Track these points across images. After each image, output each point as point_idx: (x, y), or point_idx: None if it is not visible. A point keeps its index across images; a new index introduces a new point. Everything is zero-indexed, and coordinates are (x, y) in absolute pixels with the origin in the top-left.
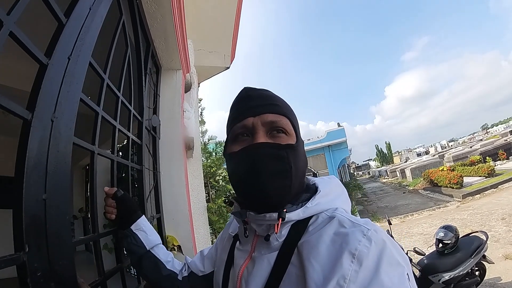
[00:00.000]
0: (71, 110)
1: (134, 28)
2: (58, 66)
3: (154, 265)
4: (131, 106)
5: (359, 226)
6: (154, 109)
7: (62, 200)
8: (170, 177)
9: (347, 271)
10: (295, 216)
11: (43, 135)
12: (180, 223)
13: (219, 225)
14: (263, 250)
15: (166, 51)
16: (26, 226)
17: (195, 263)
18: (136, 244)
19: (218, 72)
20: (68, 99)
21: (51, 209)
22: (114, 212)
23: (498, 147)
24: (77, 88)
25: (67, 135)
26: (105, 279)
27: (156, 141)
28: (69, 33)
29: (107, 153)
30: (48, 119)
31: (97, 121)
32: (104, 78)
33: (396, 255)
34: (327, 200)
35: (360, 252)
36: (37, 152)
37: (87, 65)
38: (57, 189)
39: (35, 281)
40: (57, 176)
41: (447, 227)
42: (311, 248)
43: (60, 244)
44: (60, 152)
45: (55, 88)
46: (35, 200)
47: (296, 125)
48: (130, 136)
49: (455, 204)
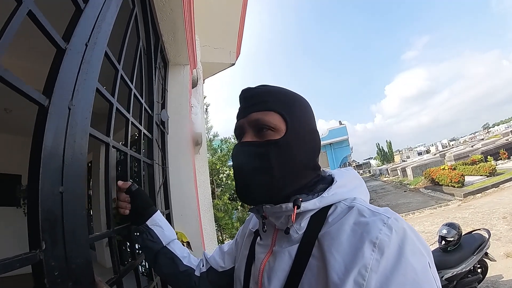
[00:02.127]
0: (87, 99)
1: (145, 21)
2: (75, 52)
3: (171, 261)
4: (142, 100)
5: (379, 214)
6: (163, 104)
7: (79, 194)
8: (178, 172)
9: (369, 260)
10: (311, 206)
11: (59, 123)
12: (189, 219)
13: (225, 222)
14: (283, 244)
15: (174, 46)
16: (43, 221)
17: (215, 258)
18: (152, 240)
19: (224, 68)
20: (85, 88)
21: (68, 203)
22: (128, 207)
23: (500, 147)
24: (94, 76)
25: (83, 124)
26: (121, 276)
27: (164, 136)
28: (86, 19)
29: (121, 146)
30: (65, 107)
31: (112, 112)
32: (118, 69)
33: (418, 244)
34: (345, 191)
35: (381, 241)
36: (53, 141)
37: (103, 53)
38: (74, 181)
39: (52, 281)
40: (74, 167)
41: (450, 224)
42: (331, 239)
43: (77, 241)
44: (76, 142)
45: (72, 74)
46: (51, 193)
47: (290, 116)
48: (142, 130)
49: (456, 203)
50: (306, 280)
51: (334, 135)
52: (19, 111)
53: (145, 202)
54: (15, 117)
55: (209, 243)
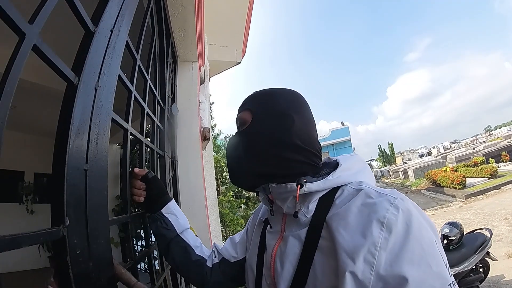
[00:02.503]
0: (111, 83)
1: (159, 16)
2: (102, 36)
3: (184, 250)
4: (156, 92)
5: (386, 195)
6: (172, 99)
7: (102, 173)
8: (187, 166)
9: (377, 238)
10: (316, 187)
11: (87, 102)
12: (197, 213)
13: (230, 218)
14: (293, 228)
15: (184, 42)
16: (68, 196)
17: (227, 249)
18: (167, 227)
19: (229, 66)
20: (110, 72)
21: (92, 181)
22: (143, 195)
23: (501, 149)
24: (117, 62)
25: (107, 107)
26: (136, 263)
27: (174, 130)
28: (112, 5)
29: (138, 134)
30: (92, 87)
31: (130, 100)
32: (136, 58)
33: (423, 222)
34: (349, 174)
35: (389, 219)
36: (81, 118)
37: (125, 41)
38: (98, 160)
39: (74, 259)
40: (98, 146)
41: (452, 223)
42: (339, 219)
43: (98, 220)
44: (101, 123)
45: (99, 57)
46: (77, 168)
47: (256, 109)
48: (156, 121)
49: (458, 204)
50: (318, 261)
51: (336, 135)
52: (24, 108)
53: (161, 190)
54: (19, 114)
55: (214, 239)
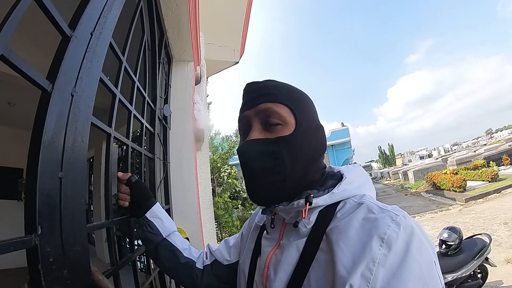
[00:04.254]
0: (91, 88)
1: (150, 16)
2: (81, 40)
3: (171, 253)
4: (145, 93)
5: (388, 211)
6: (166, 99)
7: (79, 181)
8: (180, 168)
9: (377, 254)
10: (322, 202)
11: (62, 109)
12: (189, 215)
13: (225, 220)
14: (291, 237)
15: (178, 42)
16: (40, 205)
17: (221, 251)
18: (152, 232)
19: (227, 66)
20: (89, 76)
21: (67, 189)
22: (128, 199)
23: (502, 152)
24: (98, 66)
25: (85, 112)
26: (118, 268)
27: (167, 132)
28: (92, 8)
29: (122, 137)
30: (68, 93)
31: (114, 103)
32: (122, 60)
33: (424, 242)
34: (353, 187)
35: (389, 236)
36: (55, 126)
37: (108, 43)
38: (74, 168)
39: (47, 267)
40: (74, 154)
41: (451, 228)
42: (339, 233)
43: (74, 228)
44: (78, 129)
45: (76, 62)
46: (50, 177)
47: (300, 111)
48: (144, 123)
49: (458, 208)
50: (313, 273)
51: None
52: (23, 105)
53: (145, 194)
54: (18, 111)
55: (208, 241)
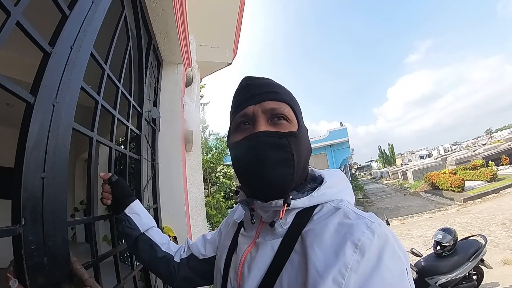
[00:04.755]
0: (72, 97)
1: (136, 22)
2: (60, 55)
3: (149, 247)
4: (131, 98)
5: (364, 218)
6: (155, 102)
7: (60, 181)
8: (168, 169)
9: (349, 260)
10: (301, 204)
11: (44, 118)
12: (177, 214)
13: (217, 219)
14: (267, 236)
15: (167, 45)
16: (24, 201)
17: (197, 246)
18: (130, 227)
19: (220, 67)
20: (70, 86)
21: (49, 188)
22: (110, 197)
23: (501, 152)
24: (78, 76)
25: (67, 119)
26: (98, 261)
27: (155, 133)
28: (72, 24)
29: (105, 140)
30: (49, 104)
31: (97, 109)
32: (104, 68)
33: (397, 250)
34: (333, 192)
35: (363, 243)
36: (38, 133)
37: (88, 55)
38: (55, 169)
39: (28, 253)
40: (56, 157)
41: (445, 229)
42: (315, 236)
43: (55, 221)
44: (60, 135)
45: (57, 75)
46: (33, 177)
47: (298, 112)
48: (129, 126)
49: (456, 208)
50: (286, 273)
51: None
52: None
53: (125, 192)
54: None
55: None
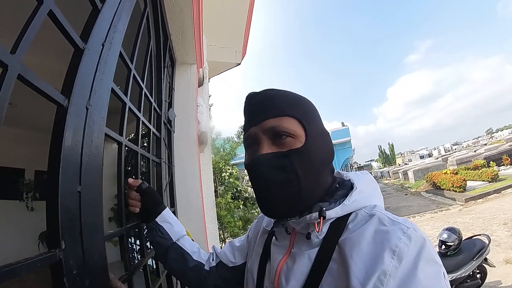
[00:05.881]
0: (103, 99)
1: (155, 20)
2: (93, 52)
3: (181, 257)
4: (152, 99)
5: (399, 224)
6: (170, 103)
7: (96, 192)
8: (184, 171)
9: (388, 267)
10: (334, 214)
11: (78, 123)
12: (193, 217)
13: (227, 220)
14: (303, 247)
15: (182, 45)
16: (62, 221)
17: (226, 253)
18: (162, 236)
19: (229, 68)
20: (102, 87)
21: (86, 202)
22: (139, 205)
23: (503, 152)
24: (109, 76)
25: (99, 124)
26: (131, 274)
27: (171, 135)
28: (103, 19)
29: (133, 145)
30: (83, 107)
31: (125, 112)
32: (131, 68)
33: (433, 254)
34: (363, 197)
35: (401, 249)
36: (72, 141)
37: (118, 53)
38: (91, 180)
39: (71, 279)
40: (91, 167)
41: (450, 229)
42: (353, 245)
43: (94, 239)
44: (93, 142)
45: (89, 74)
46: (70, 192)
47: (307, 120)
48: (152, 129)
49: (458, 208)
50: (326, 282)
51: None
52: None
53: (155, 199)
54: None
55: (211, 241)
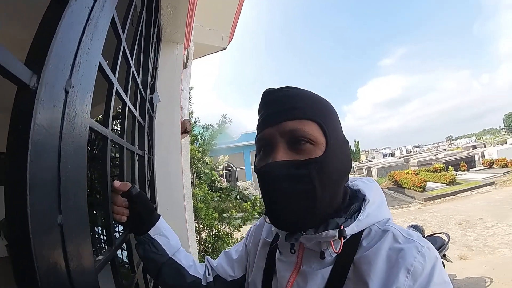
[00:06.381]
0: (89, 78)
1: None
2: (81, 5)
3: (177, 272)
4: (139, 80)
5: (413, 242)
6: (153, 85)
7: (83, 221)
8: (166, 163)
9: (402, 285)
10: (350, 231)
11: (53, 116)
12: (175, 213)
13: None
14: (313, 265)
15: (172, 21)
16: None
17: (223, 267)
18: (157, 252)
19: (214, 51)
20: (88, 61)
21: (69, 236)
22: (126, 213)
23: (461, 159)
24: (99, 45)
25: (82, 116)
26: None
27: (153, 122)
28: None
29: (119, 139)
30: (60, 89)
31: (111, 95)
32: (122, 39)
33: (443, 273)
34: (374, 209)
35: (415, 268)
36: (43, 146)
37: (111, 15)
38: (76, 204)
39: None
40: (75, 183)
41: (415, 226)
42: (369, 263)
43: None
44: (75, 143)
45: (73, 39)
46: (47, 226)
47: (329, 126)
48: (137, 116)
49: (417, 206)
50: None
51: None
52: None
53: (147, 207)
54: None
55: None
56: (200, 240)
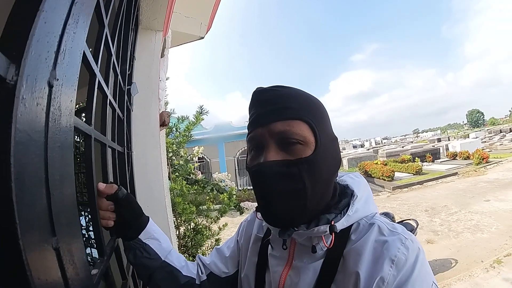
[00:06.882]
0: (73, 69)
1: None
2: None
3: (170, 275)
4: (118, 69)
5: (398, 234)
6: (130, 75)
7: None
8: (145, 158)
9: (386, 275)
10: (340, 226)
11: (36, 118)
12: (156, 210)
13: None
14: (305, 259)
15: (152, 7)
16: None
17: (216, 264)
18: (149, 257)
19: (191, 40)
20: (73, 48)
21: (67, 259)
22: (113, 218)
23: (427, 151)
24: (84, 32)
25: (67, 114)
26: None
27: (130, 115)
28: None
29: (101, 136)
30: (43, 82)
31: (93, 88)
32: (105, 25)
33: (426, 264)
34: (362, 204)
35: (399, 259)
36: (29, 160)
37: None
38: (69, 220)
39: None
40: (67, 197)
41: (386, 213)
42: (357, 255)
43: None
44: (62, 148)
45: (57, 23)
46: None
47: (318, 125)
48: (117, 111)
49: (386, 194)
50: None
51: None
52: None
53: (135, 210)
54: None
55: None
56: (179, 235)
